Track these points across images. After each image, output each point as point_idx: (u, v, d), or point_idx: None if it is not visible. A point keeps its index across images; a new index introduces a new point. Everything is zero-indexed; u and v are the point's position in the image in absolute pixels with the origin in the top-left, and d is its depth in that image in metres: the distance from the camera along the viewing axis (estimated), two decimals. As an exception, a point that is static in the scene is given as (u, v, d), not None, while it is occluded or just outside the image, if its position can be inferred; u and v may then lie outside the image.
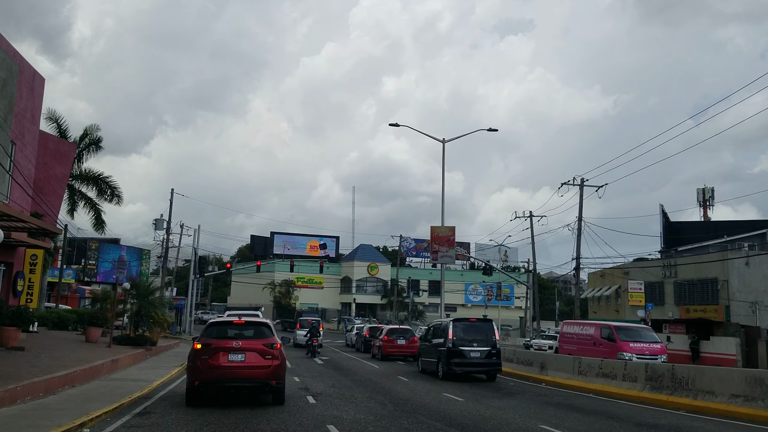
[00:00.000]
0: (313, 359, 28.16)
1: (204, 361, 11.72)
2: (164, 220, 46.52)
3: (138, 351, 23.75)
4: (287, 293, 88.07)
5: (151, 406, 12.20)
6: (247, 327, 12.72)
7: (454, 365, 19.12)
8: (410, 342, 28.16)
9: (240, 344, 11.94)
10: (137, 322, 27.71)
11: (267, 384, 11.91)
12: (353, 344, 39.96)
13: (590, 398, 15.74)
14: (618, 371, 15.98)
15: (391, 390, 16.28)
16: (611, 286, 48.63)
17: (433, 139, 34.52)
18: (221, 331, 12.54)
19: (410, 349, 28.03)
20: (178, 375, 19.38)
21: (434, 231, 32.56)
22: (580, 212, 39.62)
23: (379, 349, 28.30)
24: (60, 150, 32.41)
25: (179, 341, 36.90)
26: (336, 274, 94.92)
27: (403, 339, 28.21)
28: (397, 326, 30.79)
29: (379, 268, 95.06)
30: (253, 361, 11.78)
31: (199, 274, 51.62)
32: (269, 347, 12.03)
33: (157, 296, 28.91)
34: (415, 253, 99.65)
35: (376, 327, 35.85)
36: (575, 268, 39.65)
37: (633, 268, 44.64)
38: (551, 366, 19.92)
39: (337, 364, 25.69)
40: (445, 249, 31.99)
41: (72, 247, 63.96)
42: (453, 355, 19.22)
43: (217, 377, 11.69)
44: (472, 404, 13.85)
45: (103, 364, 17.36)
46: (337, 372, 21.94)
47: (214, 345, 11.89)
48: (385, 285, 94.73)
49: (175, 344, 34.03)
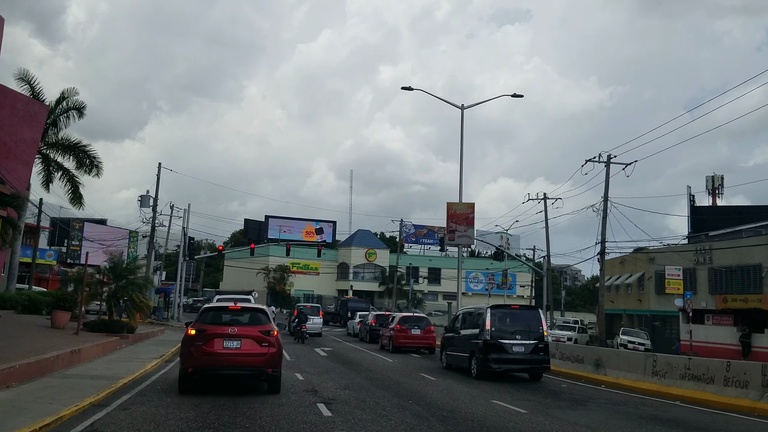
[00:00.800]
0: (313, 350, 24.79)
1: (198, 347, 11.27)
2: (150, 196, 42.77)
3: (111, 339, 20.24)
4: (282, 279, 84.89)
5: (102, 421, 8.66)
6: (243, 313, 12.34)
7: (492, 362, 15.62)
8: (426, 332, 24.74)
9: (235, 331, 11.51)
10: (114, 305, 24.13)
11: (263, 372, 11.43)
12: (356, 333, 36.57)
13: (686, 409, 12.26)
14: (717, 373, 12.48)
15: (422, 394, 12.80)
16: (632, 274, 45.24)
17: (452, 105, 30.99)
18: (216, 317, 12.13)
19: (425, 341, 24.61)
20: (155, 369, 15.91)
21: (451, 208, 29.01)
22: (606, 191, 36.15)
23: (390, 340, 24.84)
24: (29, 111, 28.64)
25: (164, 328, 33.35)
26: (333, 259, 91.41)
27: (417, 329, 24.75)
28: (411, 314, 27.26)
29: (377, 254, 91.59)
30: (249, 348, 11.36)
31: (188, 257, 47.94)
32: (266, 334, 11.59)
33: (139, 276, 25.23)
34: (415, 240, 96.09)
35: (383, 315, 32.42)
36: (600, 253, 36.24)
37: (661, 253, 41.23)
38: (610, 364, 16.44)
39: (343, 357, 22.24)
40: (463, 228, 28.48)
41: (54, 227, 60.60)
42: (491, 349, 15.72)
43: (211, 364, 11.26)
44: (541, 419, 10.37)
45: (59, 356, 13.78)
46: (347, 367, 18.48)
47: (209, 331, 11.48)
48: (383, 272, 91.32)
49: (159, 331, 30.49)
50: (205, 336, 11.36)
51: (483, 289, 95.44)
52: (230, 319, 12.06)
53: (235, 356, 11.26)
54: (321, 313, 36.93)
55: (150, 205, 42.85)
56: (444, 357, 19.06)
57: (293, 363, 19.16)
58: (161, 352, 20.70)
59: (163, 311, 45.68)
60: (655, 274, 40.83)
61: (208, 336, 11.35)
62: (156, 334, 29.16)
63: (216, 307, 12.89)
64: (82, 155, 34.04)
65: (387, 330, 26.11)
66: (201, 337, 11.37)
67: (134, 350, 20.71)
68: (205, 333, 11.41)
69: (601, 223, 36.01)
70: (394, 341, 24.48)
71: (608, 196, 36.40)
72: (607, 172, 36.30)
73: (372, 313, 33.98)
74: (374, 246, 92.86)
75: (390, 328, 25.42)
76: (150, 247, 44.19)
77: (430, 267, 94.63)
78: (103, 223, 70.19)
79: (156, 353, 19.85)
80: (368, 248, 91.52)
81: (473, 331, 16.73)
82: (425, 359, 22.47)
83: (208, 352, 11.19)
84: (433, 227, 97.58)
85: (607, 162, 36.25)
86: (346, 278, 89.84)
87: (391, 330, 24.96)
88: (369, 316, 33.41)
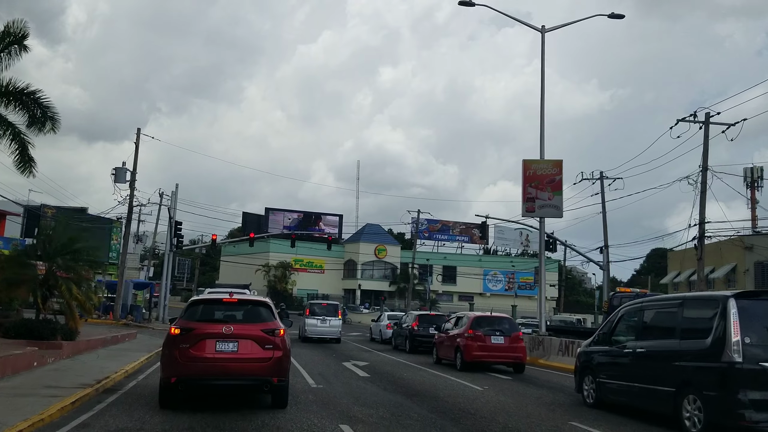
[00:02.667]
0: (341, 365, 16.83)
1: (184, 351, 9.07)
2: (127, 169, 34.59)
3: (24, 352, 12.26)
4: (284, 277, 76.96)
5: None
6: (241, 307, 10.13)
7: (749, 407, 7.60)
8: (512, 341, 16.63)
9: (231, 329, 9.31)
10: (43, 298, 16.12)
11: (266, 382, 9.18)
12: (383, 338, 28.66)
13: None
14: None
15: None
16: (715, 268, 37.13)
17: (530, 27, 23.05)
18: (207, 312, 9.95)
19: (513, 354, 16.53)
20: (75, 409, 8.01)
21: (529, 168, 20.94)
22: (704, 158, 28.21)
23: (458, 352, 16.68)
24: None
25: (137, 332, 25.23)
26: (338, 256, 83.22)
27: (500, 335, 16.53)
28: (488, 314, 18.90)
29: (387, 250, 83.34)
30: (249, 351, 9.17)
31: (176, 247, 39.68)
32: (270, 334, 9.35)
33: (83, 254, 17.07)
34: (428, 235, 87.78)
35: (429, 315, 24.36)
36: (698, 237, 28.19)
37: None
38: None
39: (397, 381, 14.25)
40: (547, 195, 20.39)
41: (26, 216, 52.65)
42: (743, 381, 7.71)
43: (200, 372, 9.09)
44: None
45: None
46: (421, 405, 10.62)
47: (198, 330, 9.27)
48: (394, 270, 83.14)
49: (126, 336, 22.45)
50: (192, 336, 9.18)
51: (502, 290, 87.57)
52: (225, 315, 9.97)
53: (230, 362, 9.08)
54: (340, 312, 28.87)
55: (127, 180, 34.69)
56: (590, 387, 10.93)
57: (324, 394, 11.25)
58: (106, 371, 12.68)
59: (142, 310, 37.56)
60: (755, 266, 32.79)
61: (197, 336, 9.18)
62: (120, 339, 21.09)
63: (206, 299, 10.66)
64: (32, 105, 25.97)
65: (446, 337, 17.94)
66: (187, 337, 9.17)
67: (60, 372, 12.64)
68: (192, 333, 9.22)
69: (700, 198, 28.08)
70: (464, 353, 16.32)
71: (707, 164, 28.46)
72: (706, 133, 28.40)
73: (413, 313, 25.73)
74: (384, 242, 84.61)
75: (455, 334, 17.21)
76: (126, 231, 36.09)
77: (445, 265, 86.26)
78: (83, 212, 62.11)
79: (93, 375, 11.80)
80: (378, 244, 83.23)
81: (685, 344, 8.64)
82: (531, 386, 14.36)
83: (197, 357, 9.03)
84: (447, 222, 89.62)
85: (705, 121, 28.33)
86: (353, 276, 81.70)
87: (460, 338, 16.73)
88: (409, 317, 25.23)
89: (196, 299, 10.61)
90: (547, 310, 29.41)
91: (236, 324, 9.58)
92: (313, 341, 26.84)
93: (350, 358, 19.68)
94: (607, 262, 38.04)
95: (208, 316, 9.83)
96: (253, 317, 9.79)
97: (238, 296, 10.41)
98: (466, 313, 17.67)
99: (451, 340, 17.42)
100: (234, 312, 10.07)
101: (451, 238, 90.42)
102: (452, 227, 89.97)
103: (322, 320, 27.44)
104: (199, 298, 10.69)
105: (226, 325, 9.47)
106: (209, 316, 9.87)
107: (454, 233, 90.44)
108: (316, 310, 28.12)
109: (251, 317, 9.81)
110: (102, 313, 35.26)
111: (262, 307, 10.03)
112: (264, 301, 10.48)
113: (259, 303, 10.25)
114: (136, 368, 14.70)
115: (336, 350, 23.13)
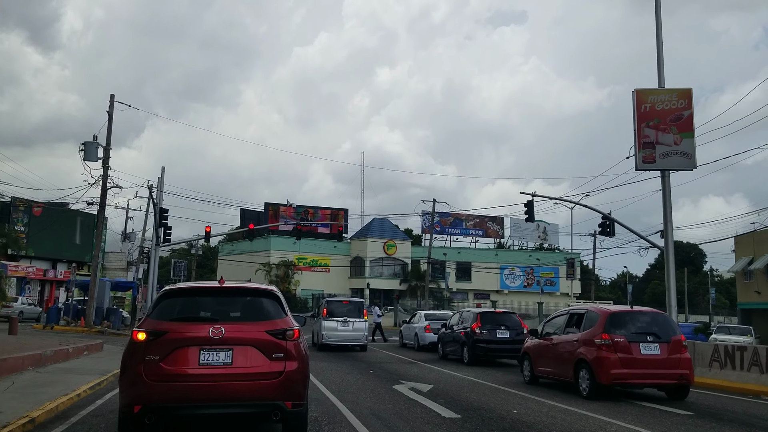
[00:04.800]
0: (392, 389, 10.88)
1: (153, 365, 6.32)
2: (99, 144, 28.40)
3: None
4: (286, 277, 70.98)
5: None
6: (236, 298, 7.24)
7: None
8: (673, 350, 10.42)
9: (223, 332, 6.48)
10: None
11: (275, 407, 6.43)
12: (419, 344, 22.88)
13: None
14: None
15: None
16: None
17: None
18: (187, 307, 7.00)
19: (676, 369, 10.38)
20: None
21: (644, 100, 14.96)
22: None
23: (583, 369, 10.53)
24: None
25: (102, 342, 19.15)
26: (345, 253, 77.41)
27: (653, 342, 10.32)
28: (627, 308, 12.19)
29: (397, 246, 77.31)
30: (249, 363, 6.47)
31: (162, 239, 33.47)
32: (279, 336, 6.64)
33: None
34: (439, 229, 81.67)
35: (492, 314, 18.20)
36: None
37: None
38: None
39: (519, 428, 8.19)
40: (672, 138, 14.38)
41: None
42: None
43: (177, 397, 6.31)
44: None
45: None
46: None
47: (173, 333, 6.48)
48: (404, 267, 77.08)
49: (88, 347, 16.46)
50: (165, 343, 6.37)
51: (521, 286, 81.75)
52: (213, 311, 6.88)
53: (222, 380, 6.32)
54: (366, 312, 22.76)
55: (99, 157, 28.56)
56: None
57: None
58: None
59: (121, 314, 31.47)
60: None
61: (172, 343, 6.37)
62: (71, 355, 15.03)
63: (185, 288, 7.43)
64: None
65: (551, 345, 11.81)
66: (158, 345, 6.36)
67: None
68: (165, 338, 6.40)
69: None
70: (597, 371, 10.08)
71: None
72: None
73: (470, 312, 19.40)
74: (394, 237, 78.56)
75: (573, 340, 11.01)
76: (99, 218, 29.82)
77: (458, 261, 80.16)
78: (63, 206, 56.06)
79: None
80: (387, 240, 77.18)
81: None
82: (730, 426, 8.44)
83: (172, 374, 6.25)
84: (460, 214, 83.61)
85: None
86: (361, 275, 75.72)
87: (585, 346, 10.50)
88: (462, 316, 19.01)
89: (171, 288, 7.43)
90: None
91: (230, 323, 6.72)
92: (331, 349, 20.98)
93: (399, 376, 13.68)
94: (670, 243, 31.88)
95: (189, 313, 6.94)
96: (254, 313, 6.96)
97: (231, 283, 7.38)
98: (588, 308, 11.40)
99: (566, 350, 11.28)
100: (226, 306, 7.12)
101: (464, 231, 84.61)
102: (465, 220, 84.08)
103: (344, 322, 21.50)
104: (175, 287, 7.47)
105: (214, 325, 6.57)
106: (190, 312, 6.96)
107: (468, 227, 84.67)
108: (336, 309, 22.08)
109: (252, 313, 6.98)
110: (72, 318, 29.23)
111: (266, 297, 7.19)
112: (269, 289, 7.45)
113: (262, 292, 7.35)
114: (67, 404, 8.84)
115: (370, 363, 17.14)
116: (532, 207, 29.79)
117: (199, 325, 6.61)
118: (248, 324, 6.78)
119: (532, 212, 29.67)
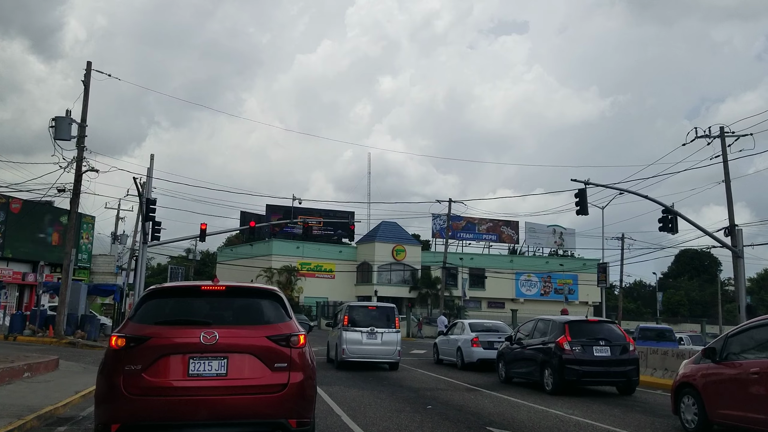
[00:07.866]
0: None
1: (133, 377, 5.58)
2: (72, 120, 23.82)
3: None
4: (289, 283, 66.30)
5: None
6: (232, 300, 6.42)
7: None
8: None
9: (216, 337, 5.73)
10: None
11: (278, 426, 5.73)
12: (463, 362, 18.39)
13: None
14: None
15: None
16: None
17: None
18: (174, 310, 6.24)
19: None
20: None
21: None
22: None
23: None
24: None
25: (58, 358, 14.57)
26: (351, 258, 72.83)
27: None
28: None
29: (406, 251, 72.61)
30: (247, 374, 5.74)
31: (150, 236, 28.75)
32: (282, 343, 5.92)
33: None
34: (451, 234, 76.95)
35: (585, 323, 13.30)
36: None
37: None
38: None
39: None
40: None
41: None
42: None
43: (162, 414, 5.58)
44: None
45: None
46: None
47: (157, 339, 5.74)
48: (414, 273, 72.44)
49: (37, 366, 11.91)
50: (147, 351, 5.61)
51: (537, 294, 77.22)
52: (204, 314, 6.08)
53: (215, 393, 5.57)
54: (397, 320, 18.11)
55: (72, 135, 24.00)
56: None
57: None
58: None
59: (99, 323, 26.81)
60: None
61: (156, 350, 5.62)
62: (12, 374, 10.41)
63: (171, 287, 6.68)
64: None
65: (734, 374, 7.31)
66: (139, 353, 5.61)
67: None
68: (147, 344, 5.65)
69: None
70: None
71: None
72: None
73: (553, 320, 14.03)
74: (403, 241, 73.88)
75: None
76: (72, 207, 25.11)
77: (471, 267, 75.45)
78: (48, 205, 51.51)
79: None
80: (396, 244, 72.47)
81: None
82: None
83: (156, 387, 5.51)
84: (472, 218, 78.80)
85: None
86: (368, 281, 71.07)
87: None
88: (546, 327, 13.93)
89: (157, 288, 6.42)
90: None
91: (224, 328, 5.78)
92: (349, 367, 16.46)
93: (475, 416, 9.07)
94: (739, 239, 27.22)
95: (176, 316, 6.01)
96: (252, 316, 6.08)
97: (227, 282, 6.32)
98: None
99: None
100: (220, 309, 6.14)
101: (477, 236, 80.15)
102: (478, 224, 79.58)
103: (370, 333, 17.00)
104: (161, 286, 6.52)
105: (206, 329, 5.64)
106: (177, 315, 6.02)
107: (480, 231, 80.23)
108: (360, 318, 17.49)
109: (250, 316, 6.09)
110: (39, 327, 24.62)
111: (267, 299, 6.31)
112: (270, 289, 6.56)
113: (261, 292, 6.48)
114: None
115: (417, 390, 12.55)
116: (585, 197, 25.23)
117: (189, 330, 5.81)
118: (246, 328, 6.01)
119: (585, 204, 25.13)
